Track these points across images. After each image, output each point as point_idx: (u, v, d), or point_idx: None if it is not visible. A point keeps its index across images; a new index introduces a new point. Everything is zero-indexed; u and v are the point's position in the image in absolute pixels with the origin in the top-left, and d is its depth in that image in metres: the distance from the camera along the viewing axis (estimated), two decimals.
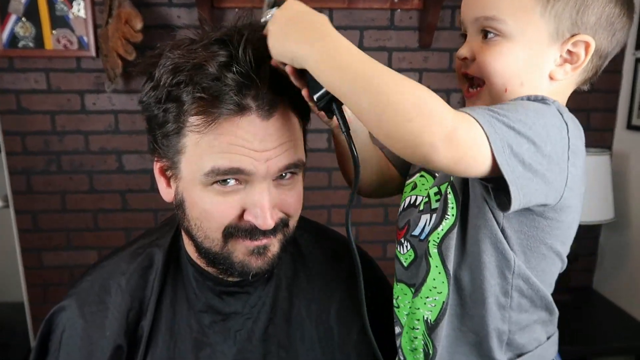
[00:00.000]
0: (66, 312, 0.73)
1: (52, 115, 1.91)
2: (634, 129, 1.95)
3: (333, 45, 0.54)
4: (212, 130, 0.60)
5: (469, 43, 0.67)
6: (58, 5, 1.81)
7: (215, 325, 0.73)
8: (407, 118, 0.50)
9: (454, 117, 0.51)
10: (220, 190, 0.63)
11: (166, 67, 0.61)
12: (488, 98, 0.66)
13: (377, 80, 0.51)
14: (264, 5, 0.64)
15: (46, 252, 2.02)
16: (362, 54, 0.54)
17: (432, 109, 0.50)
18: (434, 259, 0.66)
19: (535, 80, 0.64)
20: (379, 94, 0.51)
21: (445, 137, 0.50)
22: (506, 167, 0.52)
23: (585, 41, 0.62)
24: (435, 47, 1.96)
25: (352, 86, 0.52)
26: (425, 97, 0.51)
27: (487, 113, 0.53)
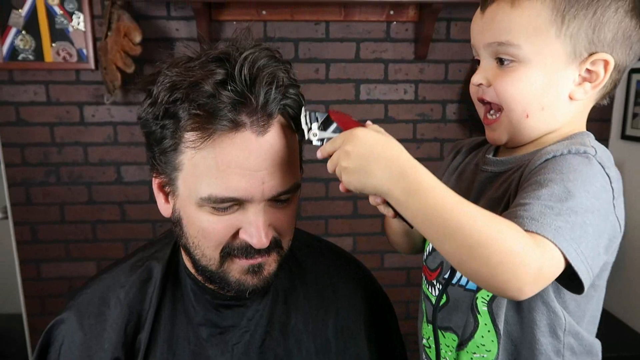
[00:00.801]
0: (65, 324, 0.73)
1: (51, 127, 1.93)
2: (628, 139, 1.97)
3: (414, 186, 0.53)
4: (207, 146, 0.61)
5: (483, 69, 0.66)
6: (58, 18, 1.84)
7: (213, 338, 0.73)
8: (492, 273, 0.50)
9: (537, 253, 0.50)
10: (216, 210, 0.64)
11: (164, 85, 0.63)
12: (508, 124, 0.66)
13: (458, 231, 0.51)
14: (306, 117, 0.63)
15: (44, 264, 2.02)
16: (443, 192, 0.53)
17: (519, 258, 0.50)
18: (483, 316, 0.65)
19: (555, 102, 0.63)
20: (460, 247, 0.51)
21: (533, 280, 0.51)
22: (582, 267, 0.53)
23: (604, 59, 0.61)
24: (431, 58, 1.98)
25: (435, 231, 0.52)
26: (508, 244, 0.50)
27: (550, 219, 0.52)
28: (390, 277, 2.13)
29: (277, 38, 1.92)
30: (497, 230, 0.50)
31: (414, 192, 0.53)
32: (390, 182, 0.54)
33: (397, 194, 0.54)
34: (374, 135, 0.57)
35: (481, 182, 0.70)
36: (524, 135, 0.66)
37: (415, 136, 2.05)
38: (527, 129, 0.65)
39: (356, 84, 1.99)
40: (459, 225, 0.51)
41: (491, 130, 0.69)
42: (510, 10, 0.62)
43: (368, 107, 2.01)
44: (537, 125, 0.65)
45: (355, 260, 0.91)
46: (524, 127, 0.65)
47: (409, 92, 2.02)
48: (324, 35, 1.94)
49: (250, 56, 0.62)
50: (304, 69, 1.95)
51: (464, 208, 0.52)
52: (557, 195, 0.54)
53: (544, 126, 0.65)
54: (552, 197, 0.54)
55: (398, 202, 0.55)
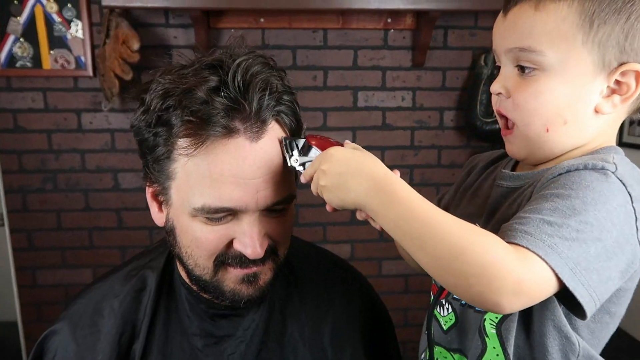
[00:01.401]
0: (58, 335, 0.73)
1: (48, 134, 1.92)
2: (625, 146, 1.98)
3: (390, 198, 0.53)
4: (200, 153, 0.60)
5: (503, 77, 0.61)
6: (56, 25, 1.84)
7: (208, 348, 0.73)
8: (469, 284, 0.49)
9: (516, 266, 0.48)
10: (210, 220, 0.64)
11: (156, 92, 0.62)
12: (524, 138, 0.61)
13: (433, 242, 0.50)
14: (285, 145, 0.64)
15: (41, 271, 2.02)
16: (419, 203, 0.52)
17: (493, 269, 0.48)
18: (492, 339, 0.62)
19: (579, 116, 0.58)
20: (436, 258, 0.50)
21: (512, 293, 0.48)
22: (580, 290, 0.49)
23: (636, 70, 0.55)
24: (428, 66, 1.99)
25: (412, 242, 0.52)
26: (485, 255, 0.48)
27: (546, 234, 0.49)
28: (388, 285, 2.12)
29: (275, 45, 1.92)
30: (472, 242, 0.49)
31: (389, 203, 0.53)
32: (367, 195, 0.54)
33: (374, 206, 0.54)
34: (348, 152, 0.58)
35: (495, 198, 0.66)
36: (545, 151, 0.61)
37: (413, 143, 2.05)
38: (548, 144, 0.60)
39: (354, 91, 1.99)
40: (433, 237, 0.50)
41: (509, 143, 0.64)
42: (533, 14, 0.56)
43: (366, 114, 2.01)
44: (559, 139, 0.59)
45: (352, 268, 0.90)
46: (544, 142, 0.59)
47: (406, 99, 2.02)
48: (322, 42, 1.95)
49: (244, 63, 0.61)
50: (302, 76, 1.96)
51: (440, 218, 0.51)
52: (560, 210, 0.50)
53: (568, 141, 0.59)
54: (554, 213, 0.50)
55: (376, 214, 0.55)
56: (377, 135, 2.03)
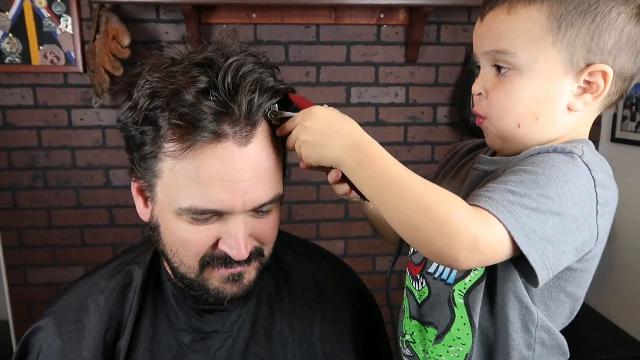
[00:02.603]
0: (42, 332, 0.72)
1: (38, 131, 1.90)
2: (617, 141, 1.98)
3: (366, 158, 0.57)
4: (187, 157, 0.59)
5: (482, 78, 0.65)
6: (45, 21, 1.82)
7: (195, 344, 0.72)
8: (430, 239, 0.53)
9: (474, 225, 0.52)
10: (195, 220, 0.62)
11: (144, 90, 0.60)
12: (493, 130, 0.65)
13: (401, 198, 0.54)
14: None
15: (31, 269, 2.00)
16: (392, 164, 0.56)
17: (453, 226, 0.51)
18: (460, 309, 0.65)
19: (550, 113, 0.61)
20: (402, 213, 0.54)
21: (468, 249, 0.52)
22: (534, 255, 0.53)
23: (602, 70, 0.58)
24: (421, 61, 1.98)
25: (381, 198, 0.56)
26: (447, 212, 0.52)
27: (507, 201, 0.53)
28: (382, 281, 2.11)
29: (267, 41, 1.91)
30: (436, 200, 0.53)
31: (364, 162, 0.57)
32: (345, 153, 0.58)
33: (350, 164, 0.58)
34: (331, 112, 0.62)
35: (472, 180, 0.69)
36: (518, 144, 0.64)
37: (406, 139, 2.05)
38: (520, 138, 0.63)
39: (347, 87, 1.99)
40: (401, 193, 0.54)
41: (485, 134, 0.68)
42: (506, 18, 0.60)
43: (359, 110, 2.01)
44: (531, 134, 0.63)
45: (342, 263, 0.90)
46: (516, 137, 0.63)
47: (399, 95, 2.01)
48: (315, 38, 1.94)
49: (235, 63, 0.60)
50: (295, 72, 1.94)
51: (409, 178, 0.55)
52: (525, 183, 0.54)
53: (540, 136, 0.63)
54: (519, 185, 0.54)
55: (351, 171, 0.59)
56: (370, 131, 1.97)
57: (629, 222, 1.94)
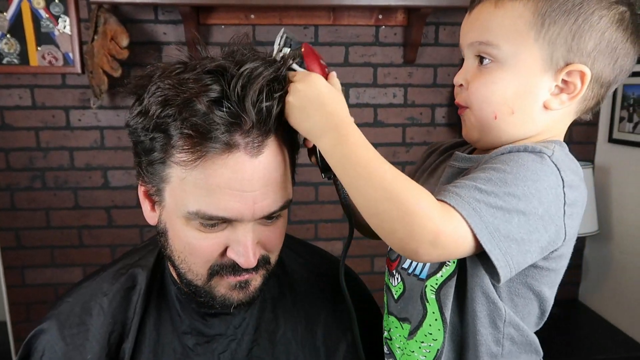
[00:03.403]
0: (45, 334, 0.72)
1: (36, 132, 1.90)
2: (615, 142, 1.99)
3: (342, 139, 0.57)
4: (198, 167, 0.59)
5: (464, 69, 0.66)
6: (43, 21, 1.81)
7: (199, 347, 0.72)
8: (393, 228, 0.53)
9: (437, 219, 0.52)
10: (204, 227, 0.62)
11: (155, 97, 0.59)
12: (473, 120, 0.65)
13: (369, 184, 0.54)
14: (282, 38, 0.65)
15: (29, 270, 1.99)
16: (366, 149, 0.56)
17: (416, 217, 0.51)
18: (432, 305, 0.65)
19: (526, 108, 0.62)
20: (369, 199, 0.54)
21: (429, 243, 0.52)
22: (496, 254, 0.53)
23: (580, 70, 0.59)
24: (419, 62, 1.99)
25: (350, 182, 0.56)
26: (412, 203, 0.52)
27: (473, 198, 0.53)
28: (381, 282, 2.11)
29: (265, 42, 1.91)
30: (403, 189, 0.53)
31: (340, 143, 0.57)
32: (322, 130, 0.58)
33: (325, 141, 0.58)
34: (326, 85, 0.61)
35: (447, 177, 0.69)
36: (493, 137, 0.65)
37: (404, 140, 2.06)
38: (496, 130, 0.64)
39: (345, 87, 1.99)
40: (370, 179, 0.54)
41: (464, 124, 0.69)
42: (493, 10, 0.61)
43: (357, 111, 2.01)
44: (507, 128, 0.63)
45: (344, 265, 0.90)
46: (492, 128, 0.64)
47: (398, 96, 2.02)
48: (313, 39, 1.94)
49: (247, 71, 0.59)
50: None
51: (380, 165, 0.55)
52: (492, 181, 0.54)
53: (515, 131, 0.64)
54: (486, 182, 0.54)
55: (324, 148, 0.58)
56: (368, 132, 2.02)
57: (626, 222, 1.95)
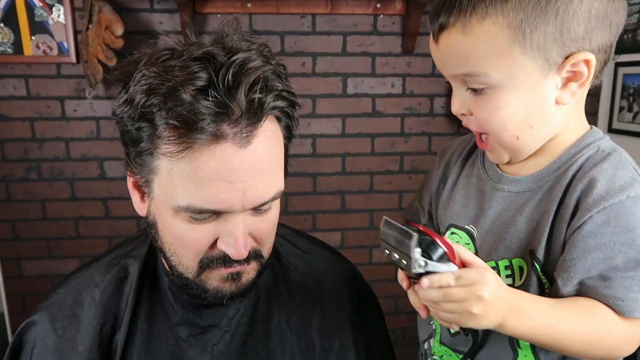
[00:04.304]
0: (37, 326, 0.71)
1: (31, 122, 1.88)
2: (615, 132, 1.98)
3: (520, 317, 0.57)
4: (185, 158, 0.57)
5: (458, 97, 0.62)
6: (37, 10, 1.79)
7: (193, 338, 0.71)
8: (599, 358, 0.59)
9: (632, 339, 0.58)
10: (193, 219, 0.61)
11: (140, 86, 0.58)
12: (501, 146, 0.64)
13: (567, 347, 0.58)
14: (411, 244, 0.50)
15: (26, 261, 1.98)
16: (548, 318, 0.57)
17: (619, 351, 0.58)
18: (524, 349, 0.65)
19: (542, 116, 0.60)
20: (572, 352, 0.59)
21: (630, 352, 0.58)
22: None
23: (584, 59, 0.57)
24: (418, 52, 1.97)
25: (547, 347, 0.60)
26: (610, 345, 0.58)
27: (632, 292, 0.56)
28: (379, 272, 2.11)
29: (262, 31, 1.89)
30: (597, 335, 0.57)
31: (521, 323, 0.57)
32: (503, 320, 0.56)
33: (508, 329, 0.57)
34: (500, 282, 0.56)
35: (499, 204, 0.67)
36: (523, 153, 0.64)
37: (403, 130, 2.04)
38: (523, 148, 0.63)
39: (343, 77, 1.97)
40: (565, 343, 0.57)
41: (490, 153, 0.67)
42: (463, 39, 0.56)
43: (356, 101, 1.99)
44: (532, 141, 0.63)
45: (340, 254, 0.89)
46: (520, 148, 0.63)
47: (396, 85, 2.00)
48: (310, 28, 1.92)
49: (235, 58, 0.57)
50: (290, 63, 1.93)
51: (565, 325, 0.57)
52: (633, 260, 0.56)
53: (539, 139, 0.63)
54: (628, 265, 0.56)
55: (509, 332, 0.58)
56: (367, 122, 2.02)
57: None
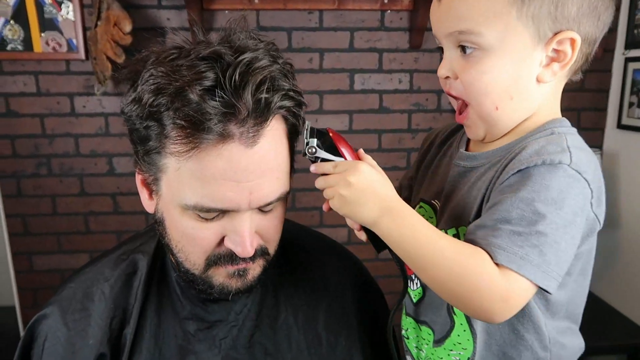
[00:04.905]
0: (48, 320, 0.72)
1: (41, 118, 1.90)
2: (624, 128, 1.96)
3: (398, 222, 0.58)
4: (192, 158, 0.58)
5: (447, 60, 0.63)
6: (47, 7, 1.80)
7: (200, 333, 0.72)
8: (464, 303, 0.57)
9: (502, 287, 0.54)
10: (201, 217, 0.62)
11: (148, 85, 0.58)
12: (478, 119, 0.64)
13: (431, 267, 0.57)
14: (307, 131, 0.63)
15: (37, 256, 2.01)
16: (421, 230, 0.58)
17: (484, 292, 0.55)
18: (459, 317, 0.66)
19: (523, 89, 0.61)
20: (433, 279, 0.57)
21: (502, 309, 0.55)
22: (552, 283, 0.55)
23: (571, 37, 0.58)
24: (425, 47, 1.96)
25: (412, 263, 0.59)
26: (474, 280, 0.55)
27: (516, 247, 0.54)
28: (386, 269, 2.11)
29: (270, 27, 1.89)
30: (465, 267, 0.55)
31: (397, 226, 0.58)
32: (380, 216, 0.59)
33: (382, 226, 0.59)
34: (375, 172, 0.61)
35: (453, 177, 0.69)
36: (498, 127, 0.64)
37: (410, 126, 2.04)
38: (500, 122, 0.63)
39: (350, 73, 1.97)
40: (432, 262, 0.57)
41: (467, 127, 0.67)
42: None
43: (362, 97, 1.99)
44: (509, 115, 0.62)
45: (346, 250, 0.90)
46: (496, 120, 0.63)
47: (403, 81, 2.00)
48: (318, 24, 1.92)
49: (242, 58, 0.57)
50: (298, 59, 1.93)
51: (438, 242, 0.57)
52: (527, 218, 0.55)
53: (516, 115, 0.63)
54: (521, 222, 0.55)
55: (383, 232, 0.60)
56: (374, 118, 2.01)
57: (634, 210, 1.93)
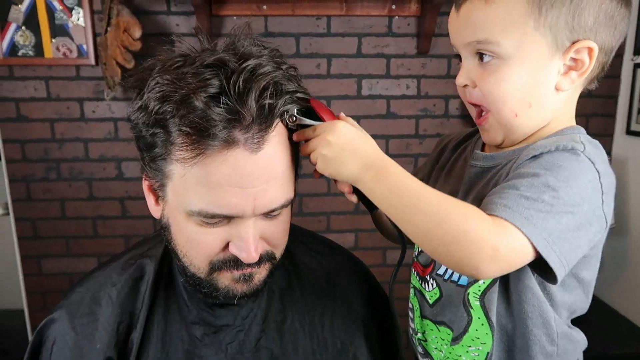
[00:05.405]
0: (56, 324, 0.73)
1: (51, 123, 1.92)
2: (633, 134, 1.95)
3: (381, 174, 0.59)
4: (198, 164, 0.58)
5: (465, 69, 0.65)
6: (58, 14, 1.83)
7: (207, 337, 0.72)
8: (449, 250, 0.54)
9: (493, 234, 0.52)
10: (205, 223, 0.63)
11: (154, 93, 0.59)
12: (498, 125, 0.65)
13: (416, 212, 0.56)
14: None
15: (46, 259, 2.03)
16: (406, 180, 0.58)
17: (472, 236, 0.52)
18: (476, 311, 0.66)
19: (541, 97, 0.62)
20: (418, 226, 0.56)
21: (489, 259, 0.52)
22: (553, 257, 0.54)
23: (588, 46, 0.59)
24: (433, 53, 1.96)
25: (397, 213, 0.58)
26: (464, 223, 0.53)
27: (523, 207, 0.53)
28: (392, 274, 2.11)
29: (278, 33, 1.90)
30: (452, 211, 0.54)
31: (381, 179, 0.59)
32: (362, 171, 0.60)
33: (366, 181, 0.60)
34: (353, 129, 0.63)
35: (470, 178, 0.70)
36: (517, 134, 0.65)
37: (417, 132, 2.04)
38: (519, 128, 0.64)
39: (358, 79, 1.97)
40: (417, 207, 0.56)
41: (484, 131, 0.68)
42: (484, 7, 0.60)
43: (370, 102, 1.99)
44: (528, 122, 0.64)
45: (352, 255, 0.90)
46: (515, 127, 0.64)
47: (411, 87, 2.00)
48: (325, 30, 1.92)
49: (250, 67, 0.58)
50: (305, 64, 1.94)
51: (423, 192, 0.57)
52: (536, 187, 0.55)
53: (535, 122, 0.64)
54: (530, 189, 0.55)
55: (366, 188, 0.60)
56: (381, 123, 2.02)
57: None
